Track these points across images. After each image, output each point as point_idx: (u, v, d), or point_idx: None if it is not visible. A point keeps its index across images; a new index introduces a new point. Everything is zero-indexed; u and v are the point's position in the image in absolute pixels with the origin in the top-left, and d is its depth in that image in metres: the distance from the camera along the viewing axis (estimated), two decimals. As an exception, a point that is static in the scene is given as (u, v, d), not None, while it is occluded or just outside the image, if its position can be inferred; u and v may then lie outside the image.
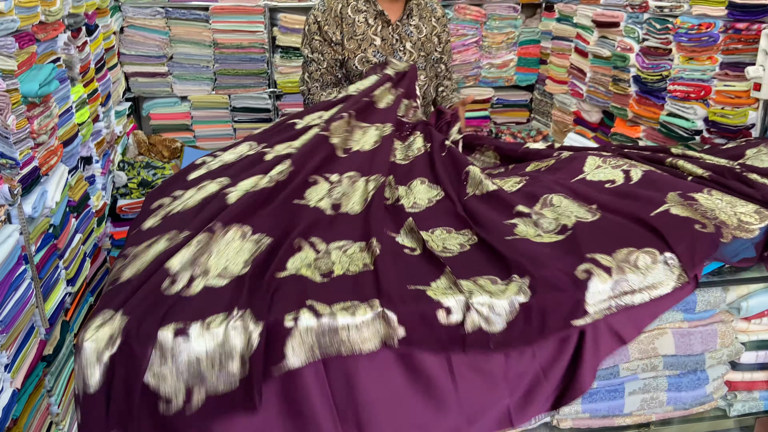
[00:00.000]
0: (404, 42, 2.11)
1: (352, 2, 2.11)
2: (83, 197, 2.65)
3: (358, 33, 2.09)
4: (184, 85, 3.88)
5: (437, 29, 2.20)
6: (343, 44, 2.09)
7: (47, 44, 2.38)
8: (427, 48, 2.17)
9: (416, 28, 2.13)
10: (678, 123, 2.67)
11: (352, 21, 2.09)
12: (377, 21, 2.10)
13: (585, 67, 3.49)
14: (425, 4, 2.20)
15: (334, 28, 2.09)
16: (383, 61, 2.01)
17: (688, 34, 2.58)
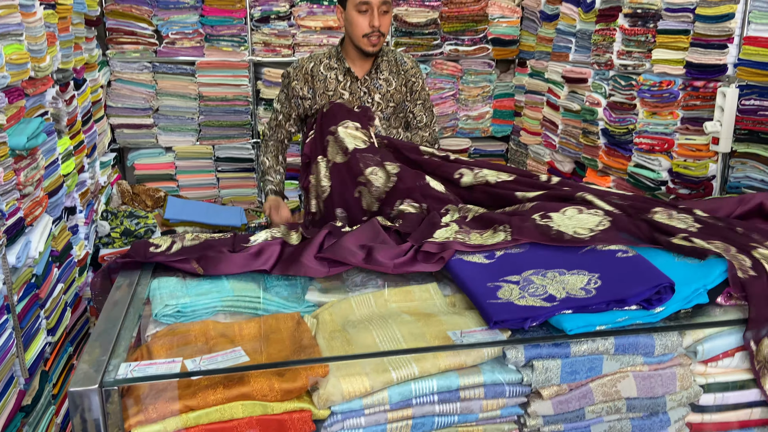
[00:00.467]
0: (372, 95, 2.28)
1: (324, 61, 2.30)
2: (66, 247, 2.68)
3: (329, 88, 2.27)
4: (169, 136, 3.96)
5: (405, 81, 2.34)
6: (314, 99, 2.28)
7: (36, 98, 2.45)
8: (397, 99, 2.33)
9: (386, 81, 2.30)
10: (644, 174, 2.79)
11: (324, 77, 2.28)
12: (346, 77, 2.27)
13: (557, 120, 3.64)
14: (395, 59, 2.35)
15: (302, 84, 2.28)
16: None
17: (651, 91, 2.73)
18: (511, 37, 4.16)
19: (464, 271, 1.34)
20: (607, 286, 1.22)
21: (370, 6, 2.13)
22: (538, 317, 1.16)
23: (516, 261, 1.37)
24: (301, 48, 3.95)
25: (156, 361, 1.07)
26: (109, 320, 1.21)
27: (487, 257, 1.40)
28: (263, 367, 1.07)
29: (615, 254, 1.30)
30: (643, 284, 1.19)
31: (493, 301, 1.21)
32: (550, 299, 1.20)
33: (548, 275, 1.29)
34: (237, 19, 3.83)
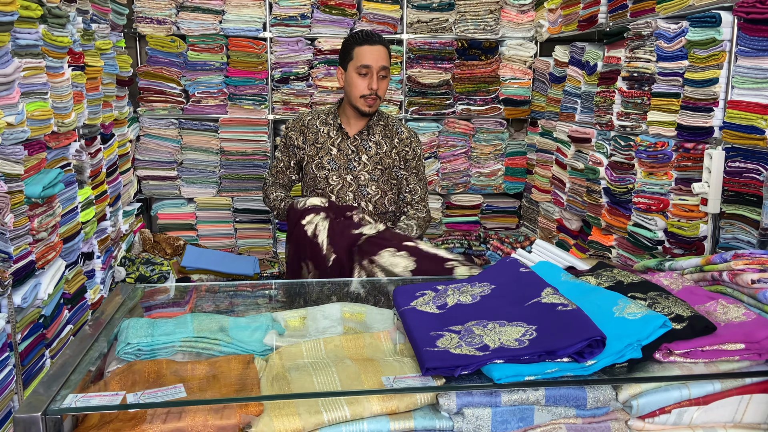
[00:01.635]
0: (360, 154, 2.38)
1: (322, 116, 2.44)
2: (79, 290, 2.83)
3: (319, 141, 2.40)
4: (191, 188, 4.17)
5: (398, 148, 2.42)
6: (305, 150, 2.42)
7: (59, 151, 2.66)
8: (385, 163, 2.40)
9: (376, 144, 2.39)
10: (642, 233, 2.80)
11: (317, 131, 2.41)
12: (338, 134, 2.40)
13: (564, 178, 3.68)
14: (392, 125, 2.45)
15: (297, 134, 2.44)
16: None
17: (647, 151, 2.76)
18: (523, 97, 4.27)
19: (413, 321, 1.40)
20: (540, 338, 1.26)
21: (371, 70, 2.26)
22: (469, 366, 1.20)
23: (464, 312, 1.42)
24: (318, 106, 4.15)
25: (101, 394, 1.15)
26: (70, 355, 1.30)
27: (439, 307, 1.45)
28: (194, 403, 1.14)
29: (555, 307, 1.34)
30: (574, 337, 1.22)
31: (429, 349, 1.26)
32: (483, 348, 1.24)
33: (489, 326, 1.33)
34: (259, 80, 4.06)
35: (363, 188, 2.38)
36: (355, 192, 2.38)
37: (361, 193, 2.38)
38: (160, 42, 3.96)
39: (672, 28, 2.57)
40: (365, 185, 2.38)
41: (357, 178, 2.38)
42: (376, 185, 2.39)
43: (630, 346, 1.24)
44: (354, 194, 2.38)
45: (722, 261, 1.53)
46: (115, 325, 1.48)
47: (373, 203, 2.40)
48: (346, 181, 2.38)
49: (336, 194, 2.38)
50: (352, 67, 2.29)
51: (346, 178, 2.38)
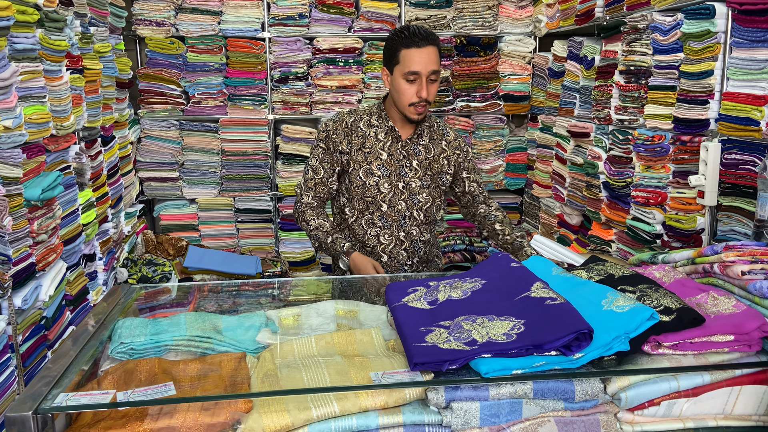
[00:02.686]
0: (411, 159, 2.20)
1: (365, 117, 2.22)
2: (81, 291, 2.86)
3: (366, 145, 2.18)
4: (193, 189, 4.19)
5: (447, 152, 2.25)
6: (350, 154, 2.18)
7: (58, 154, 2.68)
8: (434, 168, 2.23)
9: (425, 148, 2.22)
10: (641, 227, 2.79)
11: (363, 134, 2.19)
12: (387, 136, 2.19)
13: (564, 173, 3.68)
14: (437, 126, 2.28)
15: (341, 137, 2.18)
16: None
17: (645, 145, 2.76)
18: (522, 93, 4.26)
19: (404, 317, 1.41)
20: (528, 332, 1.26)
21: (419, 76, 2.04)
22: (457, 360, 1.20)
23: (454, 307, 1.42)
24: (318, 106, 4.16)
25: (91, 392, 1.16)
26: (62, 355, 1.32)
27: (430, 303, 1.46)
28: (183, 400, 1.15)
29: (544, 301, 1.34)
30: (562, 330, 1.23)
31: (418, 344, 1.27)
32: (471, 343, 1.25)
33: (477, 321, 1.34)
34: (258, 80, 4.08)
35: (414, 196, 2.22)
36: (407, 200, 2.22)
37: (412, 202, 2.22)
38: (159, 44, 3.98)
39: (667, 20, 2.56)
40: (416, 193, 2.22)
41: (408, 185, 2.21)
42: (427, 192, 2.24)
43: (617, 339, 1.25)
44: (406, 203, 2.22)
45: (713, 253, 1.52)
46: (111, 323, 1.50)
47: (424, 212, 2.25)
48: (397, 188, 2.20)
49: (388, 203, 2.20)
50: (399, 72, 2.07)
51: (397, 185, 2.20)
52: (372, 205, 2.20)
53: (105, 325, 1.50)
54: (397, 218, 2.22)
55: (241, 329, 1.51)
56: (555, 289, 1.45)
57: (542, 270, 1.58)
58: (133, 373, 1.31)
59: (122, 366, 1.34)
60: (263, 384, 1.24)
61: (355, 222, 2.25)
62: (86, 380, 1.30)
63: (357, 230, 2.25)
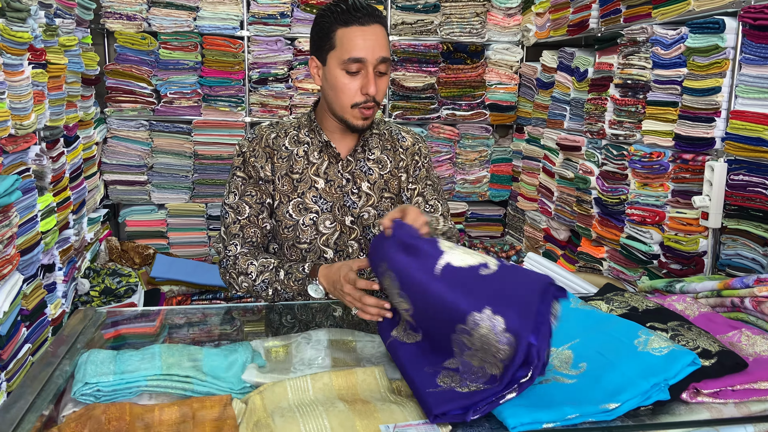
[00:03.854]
0: (359, 182, 1.63)
1: (291, 132, 1.64)
2: (39, 305, 2.62)
3: (295, 170, 1.60)
4: (162, 194, 3.96)
5: (405, 161, 1.69)
6: (274, 183, 1.61)
7: (17, 155, 2.45)
8: (393, 187, 1.67)
9: (376, 163, 1.66)
10: (636, 246, 2.70)
11: (288, 155, 1.61)
12: (322, 155, 1.62)
13: (552, 187, 3.58)
14: (390, 133, 1.71)
15: (263, 161, 1.60)
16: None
17: (641, 162, 2.66)
18: (509, 103, 4.16)
19: (404, 356, 1.25)
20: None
21: (364, 65, 1.47)
22: (480, 404, 1.06)
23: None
24: (298, 109, 3.98)
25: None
26: (19, 397, 1.13)
27: (416, 331, 1.29)
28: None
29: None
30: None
31: (432, 390, 1.11)
32: (491, 380, 1.10)
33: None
34: (235, 81, 3.88)
35: (369, 231, 1.64)
36: (360, 239, 1.65)
37: (367, 240, 1.65)
38: (129, 39, 3.74)
39: (670, 34, 2.47)
40: (371, 226, 1.64)
41: (359, 218, 1.63)
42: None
43: (657, 387, 1.11)
44: (359, 243, 1.65)
45: (743, 286, 1.41)
46: (74, 357, 1.31)
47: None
48: (344, 225, 1.63)
49: (333, 247, 1.63)
50: (336, 60, 1.49)
51: (344, 221, 1.63)
52: (311, 253, 1.62)
53: (70, 357, 1.31)
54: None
55: (224, 364, 1.33)
56: (577, 324, 1.32)
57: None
58: (100, 421, 1.12)
59: (87, 411, 1.15)
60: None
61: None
62: (45, 427, 1.11)
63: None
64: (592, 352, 1.22)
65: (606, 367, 1.17)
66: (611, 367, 1.17)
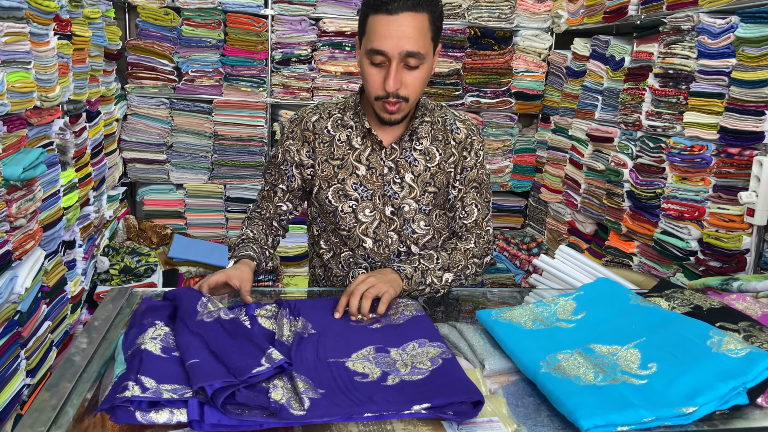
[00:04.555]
0: (402, 173, 1.53)
1: (336, 114, 1.56)
2: (59, 282, 2.57)
3: (336, 156, 1.54)
4: (181, 173, 3.89)
5: (455, 157, 1.56)
6: (314, 168, 1.55)
7: (41, 128, 2.39)
8: (438, 181, 1.55)
9: (423, 155, 1.54)
10: (672, 242, 2.62)
11: (330, 140, 1.54)
12: (366, 141, 1.53)
13: (579, 179, 3.50)
14: (443, 122, 1.57)
15: (299, 144, 1.55)
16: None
17: (681, 155, 2.58)
18: (536, 91, 4.07)
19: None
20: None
21: (387, 58, 1.35)
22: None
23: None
24: (320, 92, 3.90)
25: (101, 439, 0.92)
26: (60, 381, 1.07)
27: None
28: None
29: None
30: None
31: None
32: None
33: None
34: (258, 61, 3.80)
35: (408, 225, 1.56)
36: (399, 231, 1.56)
37: (406, 233, 1.56)
38: (152, 14, 3.66)
39: (718, 23, 2.38)
40: (411, 220, 1.56)
41: (400, 210, 1.54)
42: (426, 220, 1.57)
43: (735, 390, 1.05)
44: (399, 235, 1.56)
45: (813, 286, 1.34)
46: (112, 338, 1.25)
47: (420, 247, 1.59)
48: (384, 215, 1.55)
49: (372, 237, 1.55)
50: (364, 48, 1.41)
51: (384, 210, 1.55)
52: (350, 240, 1.57)
53: (107, 339, 1.25)
54: (387, 256, 1.57)
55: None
56: (641, 322, 1.26)
57: (616, 296, 1.38)
58: (147, 407, 1.06)
59: (131, 396, 1.09)
60: None
61: (332, 260, 1.62)
62: (87, 411, 1.05)
63: (336, 271, 1.62)
64: (662, 352, 1.16)
65: (679, 369, 1.11)
66: (685, 368, 1.10)
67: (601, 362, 1.16)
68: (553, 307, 1.39)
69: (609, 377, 1.11)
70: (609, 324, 1.28)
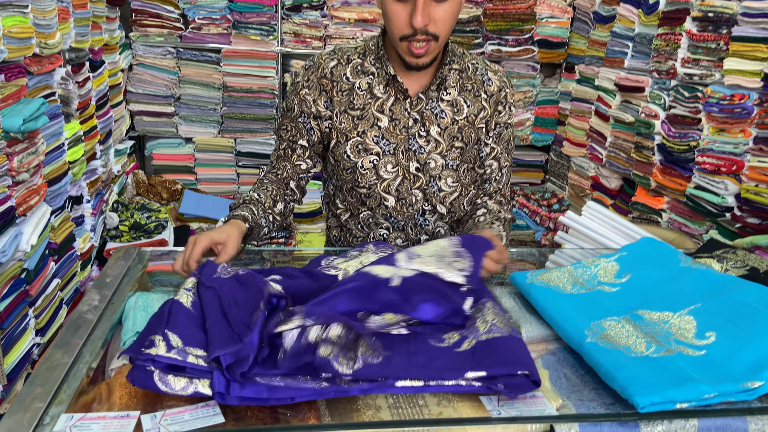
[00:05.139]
0: (428, 125, 1.39)
1: (355, 59, 1.40)
2: (67, 239, 2.50)
3: (355, 106, 1.39)
4: (189, 127, 3.77)
5: (487, 111, 1.42)
6: (332, 120, 1.40)
7: (41, 77, 2.27)
8: (466, 136, 1.41)
9: (451, 106, 1.40)
10: (706, 197, 2.49)
11: (350, 87, 1.39)
12: (388, 90, 1.38)
13: (606, 131, 3.34)
14: (474, 70, 1.42)
15: (316, 93, 1.39)
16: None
17: (720, 105, 2.42)
18: (560, 39, 3.86)
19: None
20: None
21: None
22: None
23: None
24: (333, 40, 3.72)
25: (105, 415, 0.84)
26: (63, 348, 0.98)
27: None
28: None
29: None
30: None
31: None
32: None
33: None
34: (267, 7, 3.62)
35: (434, 182, 1.43)
36: (424, 189, 1.43)
37: (432, 191, 1.43)
38: (156, -43, 3.48)
39: (767, -41, 2.19)
40: (437, 177, 1.43)
41: (425, 165, 1.41)
42: (454, 176, 1.44)
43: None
44: (424, 193, 1.43)
45: None
46: (120, 301, 1.16)
47: (447, 206, 1.46)
48: (408, 172, 1.41)
49: (395, 195, 1.42)
50: None
51: (408, 166, 1.41)
52: (370, 199, 1.44)
53: (113, 302, 1.16)
54: (411, 215, 1.45)
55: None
56: (694, 286, 1.15)
57: (664, 257, 1.27)
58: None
59: (139, 365, 1.01)
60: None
61: (350, 220, 1.50)
62: (91, 384, 0.97)
63: (356, 232, 1.50)
64: (720, 319, 1.05)
65: (741, 338, 1.00)
66: (748, 338, 1.00)
67: (652, 331, 1.06)
68: (594, 269, 1.28)
69: (663, 348, 1.01)
70: (658, 288, 1.17)
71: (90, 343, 1.02)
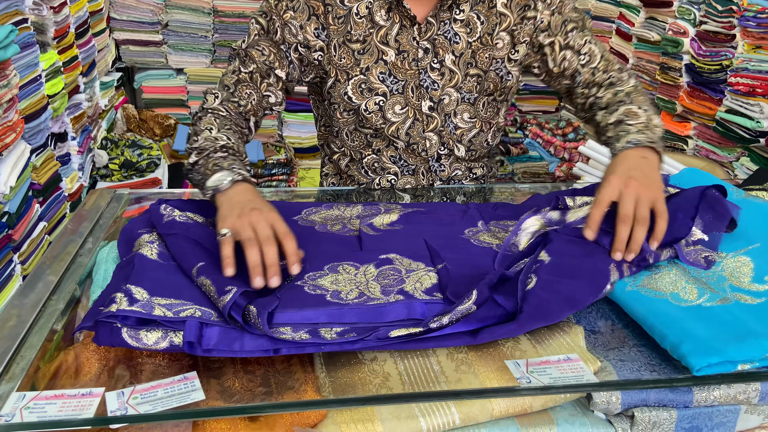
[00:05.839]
0: (441, 54, 1.20)
1: None
2: (52, 179, 2.35)
3: (354, 37, 1.18)
4: (180, 56, 3.54)
5: (508, 21, 1.20)
6: (328, 54, 1.19)
7: (10, 2, 2.07)
8: (482, 60, 1.21)
9: (465, 27, 1.19)
10: (739, 122, 2.30)
11: (345, 14, 1.17)
12: (392, 15, 1.18)
13: (627, 52, 3.11)
14: None
15: (303, 17, 1.17)
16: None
17: (757, 18, 2.21)
18: (577, -49, 3.55)
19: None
20: None
21: None
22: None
23: None
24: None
25: (64, 393, 0.70)
26: (17, 311, 0.85)
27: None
28: (226, 412, 0.70)
29: None
30: None
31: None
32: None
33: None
34: None
35: (450, 119, 1.24)
36: (438, 129, 1.25)
37: (448, 130, 1.26)
38: None
39: None
40: (452, 114, 1.24)
41: (439, 102, 1.22)
42: (471, 111, 1.25)
43: None
44: (438, 134, 1.25)
45: None
46: (90, 253, 1.02)
47: (465, 145, 1.28)
48: (420, 112, 1.23)
49: (405, 138, 1.24)
50: None
51: (419, 106, 1.23)
52: (377, 139, 1.27)
53: (82, 254, 1.02)
54: (425, 159, 1.28)
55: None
56: (750, 223, 0.99)
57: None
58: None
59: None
60: (337, 380, 0.79)
61: (351, 165, 1.33)
62: (57, 348, 0.84)
63: (359, 178, 1.34)
64: (784, 261, 0.90)
65: (811, 285, 0.85)
66: (818, 284, 0.85)
67: (703, 275, 0.91)
68: (630, 204, 1.12)
69: (717, 296, 0.86)
70: (707, 226, 1.02)
71: (52, 304, 0.89)
